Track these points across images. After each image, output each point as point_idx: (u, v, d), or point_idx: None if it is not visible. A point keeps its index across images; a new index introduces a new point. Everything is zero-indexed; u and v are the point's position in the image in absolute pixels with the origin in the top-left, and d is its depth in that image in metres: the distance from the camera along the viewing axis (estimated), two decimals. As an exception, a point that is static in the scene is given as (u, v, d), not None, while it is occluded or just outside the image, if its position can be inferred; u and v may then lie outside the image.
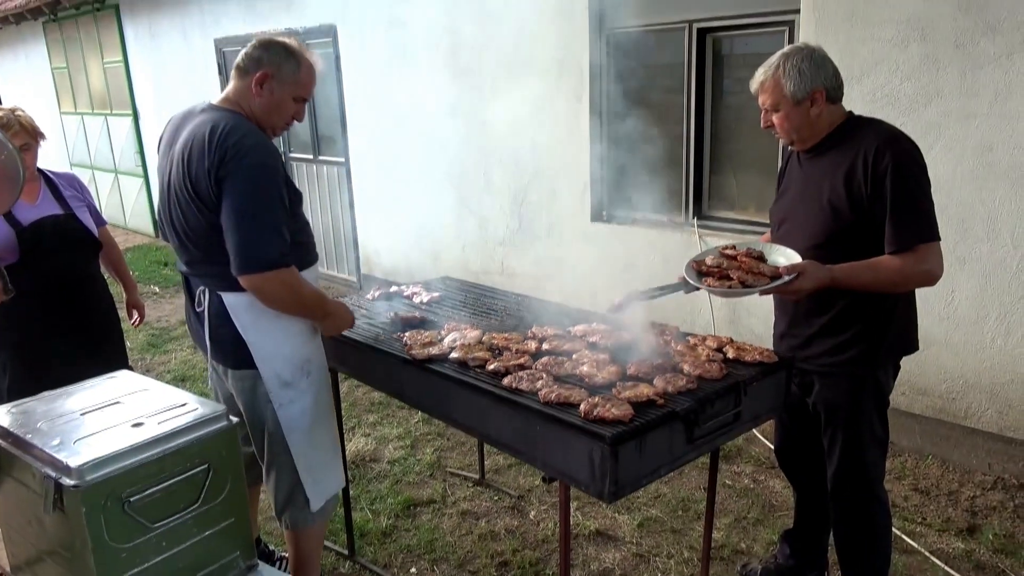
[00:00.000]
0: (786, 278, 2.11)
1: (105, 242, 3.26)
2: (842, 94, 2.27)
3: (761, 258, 2.32)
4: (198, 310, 2.33)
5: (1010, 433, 3.52)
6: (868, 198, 2.12)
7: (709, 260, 2.37)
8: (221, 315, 2.27)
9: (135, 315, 3.50)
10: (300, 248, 2.33)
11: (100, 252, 3.18)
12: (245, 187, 2.09)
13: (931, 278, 2.14)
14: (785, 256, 2.27)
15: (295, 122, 2.37)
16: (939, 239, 2.13)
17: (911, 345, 2.36)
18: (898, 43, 3.48)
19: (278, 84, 2.23)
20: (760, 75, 2.26)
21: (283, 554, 2.93)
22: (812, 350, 2.34)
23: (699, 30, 4.26)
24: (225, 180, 2.08)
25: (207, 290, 2.28)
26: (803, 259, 2.20)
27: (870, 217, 2.14)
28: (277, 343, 2.30)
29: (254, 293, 2.16)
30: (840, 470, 2.38)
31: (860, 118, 2.28)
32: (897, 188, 2.09)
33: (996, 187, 3.33)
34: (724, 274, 2.25)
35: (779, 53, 2.26)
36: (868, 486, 2.39)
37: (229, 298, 2.25)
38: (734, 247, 2.39)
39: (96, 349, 3.06)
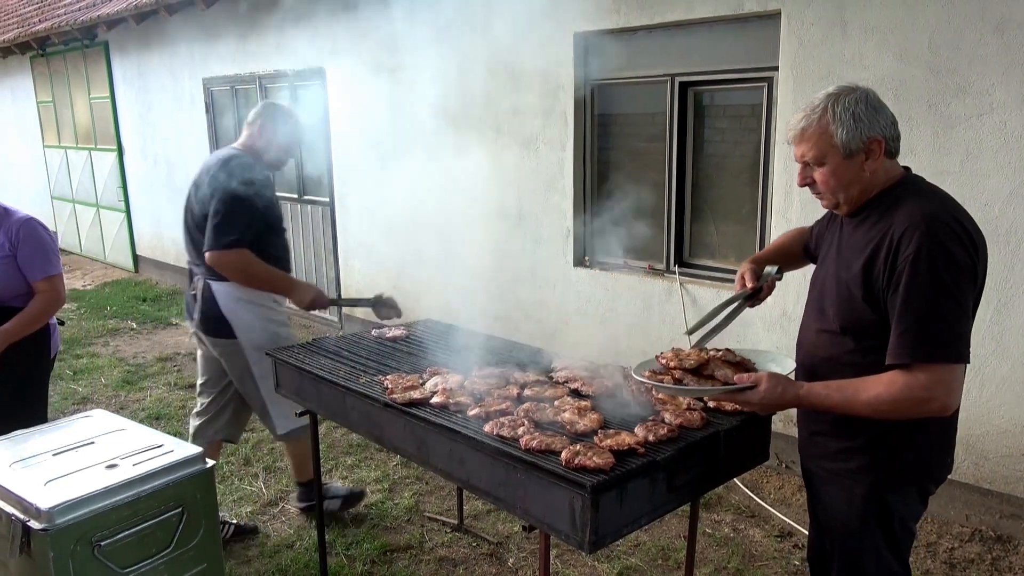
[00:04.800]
0: (735, 386, 1.84)
1: (37, 290, 2.89)
2: (899, 146, 1.86)
3: (741, 364, 2.02)
4: (192, 292, 3.26)
5: (986, 484, 3.54)
6: (883, 291, 1.73)
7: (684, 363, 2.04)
8: (209, 299, 3.16)
9: None
10: (276, 265, 3.15)
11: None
12: (226, 189, 2.96)
13: (927, 408, 1.68)
14: (780, 365, 2.04)
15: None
16: (956, 361, 1.69)
17: (942, 469, 1.91)
18: (873, 101, 3.58)
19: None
20: (801, 122, 1.84)
21: (232, 522, 3.50)
22: (813, 450, 2.03)
23: (681, 83, 4.38)
24: (216, 188, 2.98)
25: (202, 278, 3.19)
26: (808, 347, 1.99)
27: (886, 314, 1.74)
28: (252, 321, 3.19)
29: (214, 267, 3.02)
30: None
31: (917, 180, 1.86)
32: (911, 285, 1.66)
33: (968, 242, 3.41)
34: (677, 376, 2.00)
35: (823, 94, 1.85)
36: None
37: (215, 286, 3.16)
38: (730, 351, 2.08)
39: None
